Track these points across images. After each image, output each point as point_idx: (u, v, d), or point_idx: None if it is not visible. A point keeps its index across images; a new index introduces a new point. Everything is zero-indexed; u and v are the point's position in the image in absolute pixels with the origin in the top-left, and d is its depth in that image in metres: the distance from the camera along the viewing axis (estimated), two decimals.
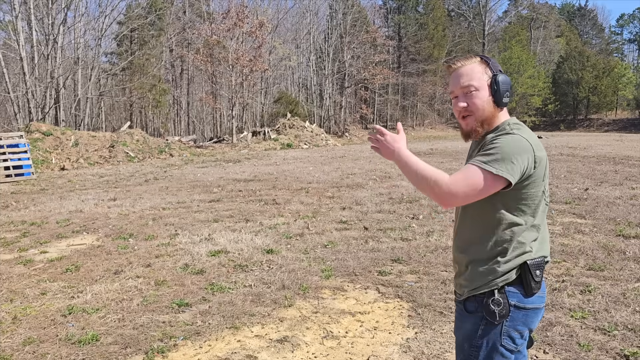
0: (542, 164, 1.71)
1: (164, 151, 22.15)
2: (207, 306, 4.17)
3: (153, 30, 35.79)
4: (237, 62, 27.98)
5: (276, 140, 26.96)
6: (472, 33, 51.75)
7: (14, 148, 15.03)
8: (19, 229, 7.36)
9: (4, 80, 27.48)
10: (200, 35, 31.65)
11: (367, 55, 40.03)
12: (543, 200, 1.76)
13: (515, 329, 1.74)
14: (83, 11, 31.27)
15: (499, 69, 1.81)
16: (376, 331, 3.68)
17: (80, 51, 30.42)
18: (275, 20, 38.23)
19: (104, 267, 5.32)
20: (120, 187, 11.92)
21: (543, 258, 1.75)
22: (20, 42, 26.08)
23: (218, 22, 30.56)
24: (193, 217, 7.79)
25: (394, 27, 48.04)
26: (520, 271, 1.72)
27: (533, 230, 1.74)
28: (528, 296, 1.72)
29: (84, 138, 20.76)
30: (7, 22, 28.35)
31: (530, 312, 1.74)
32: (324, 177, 12.26)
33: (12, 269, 5.38)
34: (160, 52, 36.76)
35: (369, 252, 5.59)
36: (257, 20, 29.61)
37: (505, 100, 1.79)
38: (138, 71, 33.43)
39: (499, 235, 1.73)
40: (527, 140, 1.69)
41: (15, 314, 4.11)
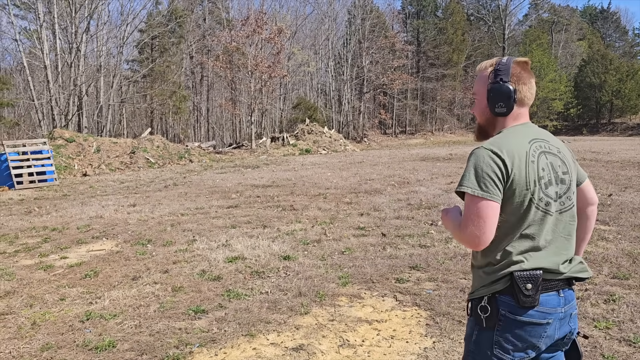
0: (518, 170, 1.66)
1: (184, 157, 22.34)
2: (223, 313, 4.16)
3: (173, 37, 36.26)
4: (256, 68, 28.16)
5: (295, 146, 27.01)
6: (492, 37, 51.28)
7: (38, 154, 15.31)
8: (41, 235, 7.47)
9: (29, 88, 28.09)
10: (220, 42, 31.94)
11: (385, 60, 39.94)
12: (533, 208, 1.68)
13: (507, 340, 1.69)
14: (105, 20, 31.86)
15: (501, 77, 1.77)
16: (393, 340, 3.62)
17: (103, 59, 30.94)
18: (294, 26, 38.41)
19: (122, 273, 5.35)
20: (140, 193, 12.04)
21: (539, 271, 1.66)
22: (44, 51, 26.65)
23: (237, 29, 30.82)
24: (211, 223, 7.82)
25: (412, 32, 47.87)
26: (511, 281, 1.67)
27: (524, 240, 1.68)
28: (521, 308, 1.66)
29: (105, 144, 21.06)
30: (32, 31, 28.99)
31: (526, 326, 1.67)
32: (342, 182, 12.22)
33: (32, 274, 5.45)
34: (180, 59, 37.21)
35: (386, 259, 5.52)
36: (275, 26, 29.77)
37: (497, 110, 1.78)
38: (159, 78, 33.88)
39: (488, 246, 1.72)
40: (492, 149, 1.67)
41: (35, 319, 4.15)
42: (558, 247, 1.72)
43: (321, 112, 37.85)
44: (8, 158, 14.58)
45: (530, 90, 1.80)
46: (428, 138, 43.08)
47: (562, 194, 1.74)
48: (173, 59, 35.59)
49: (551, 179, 1.71)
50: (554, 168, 1.73)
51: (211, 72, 37.02)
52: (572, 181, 1.78)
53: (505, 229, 1.70)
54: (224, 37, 31.28)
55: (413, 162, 17.69)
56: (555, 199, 1.71)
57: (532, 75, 1.82)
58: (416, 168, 15.45)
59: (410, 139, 42.05)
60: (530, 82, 1.80)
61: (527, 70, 1.80)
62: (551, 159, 1.74)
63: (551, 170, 1.72)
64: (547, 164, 1.72)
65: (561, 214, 1.73)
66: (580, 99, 46.97)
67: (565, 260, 1.73)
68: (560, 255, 1.72)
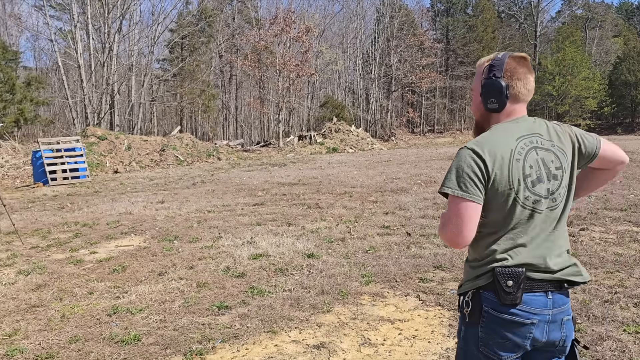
0: (500, 169, 1.63)
1: (212, 155, 22.61)
2: (246, 309, 4.20)
3: (203, 37, 36.74)
4: (284, 67, 28.29)
5: (322, 144, 27.03)
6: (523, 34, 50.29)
7: (71, 152, 15.72)
8: (72, 230, 7.67)
9: (64, 87, 28.86)
10: (249, 41, 32.18)
11: (414, 58, 39.59)
12: (518, 207, 1.65)
13: (491, 337, 1.67)
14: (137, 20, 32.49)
15: (494, 72, 1.74)
16: (415, 340, 3.59)
17: (134, 58, 31.56)
18: (322, 25, 38.43)
19: (149, 269, 5.45)
20: (169, 190, 12.24)
21: (522, 268, 1.63)
22: (78, 51, 27.34)
23: (266, 28, 31.01)
24: (237, 220, 7.89)
25: (441, 29, 47.33)
26: (493, 278, 1.65)
27: (510, 238, 1.66)
28: (503, 305, 1.64)
29: (136, 142, 21.48)
30: (67, 31, 29.77)
31: (509, 324, 1.64)
32: (368, 181, 12.17)
33: (63, 268, 5.60)
34: (209, 58, 37.66)
35: (410, 258, 5.48)
36: (303, 25, 29.84)
37: (490, 106, 1.76)
38: (188, 77, 34.37)
39: (475, 239, 1.71)
40: (473, 148, 1.65)
41: (64, 312, 4.26)
42: (546, 244, 1.68)
43: (349, 110, 37.79)
44: (43, 155, 15.00)
45: (526, 86, 1.75)
46: (456, 137, 42.53)
47: (555, 190, 1.69)
48: (202, 58, 36.06)
49: (541, 176, 1.67)
50: (546, 164, 1.68)
51: (240, 71, 37.36)
52: (564, 175, 1.71)
53: (491, 227, 1.69)
54: (252, 36, 31.51)
55: (440, 161, 17.49)
56: (546, 196, 1.67)
57: (531, 71, 1.77)
58: (443, 167, 15.27)
59: (438, 138, 41.61)
60: (527, 78, 1.75)
61: (523, 65, 1.75)
62: (543, 155, 1.69)
63: (541, 167, 1.67)
64: (537, 160, 1.67)
65: (552, 211, 1.69)
66: (614, 97, 45.62)
67: (555, 257, 1.68)
68: (549, 251, 1.68)
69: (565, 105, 39.87)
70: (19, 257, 6.12)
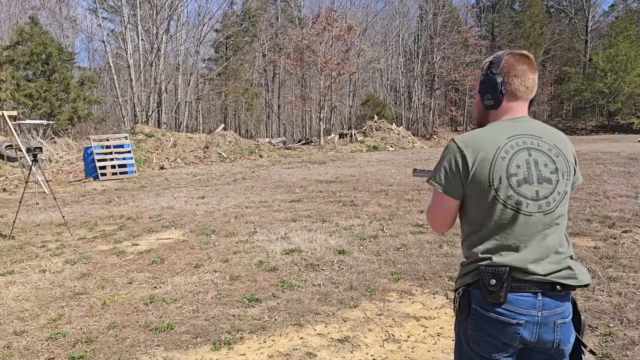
0: (481, 166, 1.64)
1: (254, 152, 22.99)
2: (275, 302, 4.32)
3: (247, 36, 37.32)
4: (325, 65, 28.41)
5: (362, 143, 27.02)
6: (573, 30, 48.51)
7: (120, 148, 16.36)
8: (117, 223, 8.02)
9: (114, 87, 30.00)
10: (291, 40, 32.50)
11: (457, 56, 38.92)
12: (499, 205, 1.64)
13: (480, 335, 1.68)
14: (184, 20, 33.36)
15: (491, 69, 1.75)
16: (439, 337, 3.61)
17: (181, 58, 32.44)
18: (364, 23, 38.33)
19: (185, 261, 5.66)
20: (210, 186, 12.57)
21: (505, 268, 1.62)
22: (128, 51, 28.34)
23: (308, 27, 31.23)
24: (273, 216, 8.05)
25: (487, 26, 46.30)
26: (478, 276, 1.66)
27: (494, 238, 1.66)
28: (488, 303, 1.64)
29: (181, 139, 22.11)
30: (118, 33, 30.91)
31: (496, 323, 1.64)
32: (406, 179, 12.12)
33: (106, 258, 5.89)
34: (253, 57, 38.24)
35: (442, 257, 5.47)
36: (345, 23, 29.87)
37: (486, 103, 1.77)
38: (232, 76, 35.04)
39: (463, 238, 1.78)
40: (457, 143, 1.69)
41: (105, 300, 4.50)
42: (538, 250, 1.64)
43: (390, 108, 37.57)
44: (93, 151, 15.68)
45: (525, 83, 1.73)
46: None
47: (548, 194, 1.66)
48: (246, 57, 36.67)
49: (529, 177, 1.64)
50: (537, 166, 1.65)
51: (283, 70, 37.76)
52: (560, 181, 1.67)
53: (474, 225, 1.71)
54: (295, 35, 31.79)
55: None
56: (534, 198, 1.64)
57: (532, 69, 1.74)
58: None
59: None
60: (525, 75, 1.72)
61: (523, 63, 1.73)
62: (536, 156, 1.66)
63: (531, 168, 1.65)
64: (527, 161, 1.65)
65: (546, 215, 1.65)
66: None
67: (546, 263, 1.64)
68: (538, 256, 1.64)
69: (617, 103, 38.23)
70: (67, 248, 6.47)
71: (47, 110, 23.22)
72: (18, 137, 12.93)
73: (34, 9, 32.57)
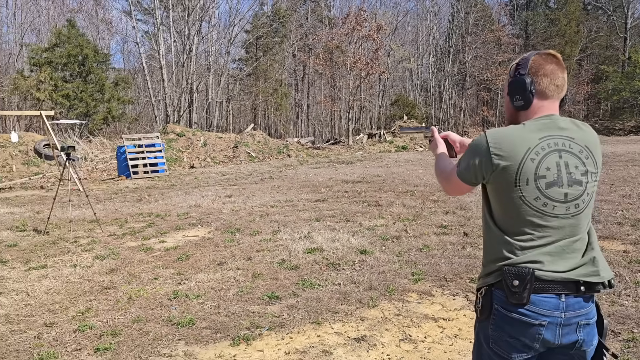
0: (507, 165, 1.65)
1: (282, 152, 23.17)
2: (295, 300, 4.37)
3: (277, 37, 37.60)
4: (354, 65, 28.39)
5: (391, 143, 26.90)
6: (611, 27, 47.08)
7: (151, 147, 16.74)
8: (146, 220, 8.23)
9: (147, 87, 30.67)
10: (321, 40, 32.58)
11: (489, 55, 38.28)
12: (525, 206, 1.64)
13: (501, 335, 1.67)
14: (215, 22, 33.84)
15: (519, 70, 1.75)
16: (457, 339, 3.60)
17: (212, 58, 32.92)
18: (394, 22, 38.11)
19: (210, 258, 5.78)
20: (238, 185, 12.74)
21: (528, 269, 1.61)
22: (160, 52, 28.94)
23: (338, 27, 31.25)
24: (297, 215, 8.12)
25: (520, 24, 45.38)
26: (501, 276, 1.66)
27: (519, 238, 1.65)
28: (511, 304, 1.63)
29: (211, 139, 22.45)
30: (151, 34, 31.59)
31: (518, 324, 1.63)
32: (432, 180, 12.03)
33: (134, 255, 6.06)
34: (282, 57, 38.49)
35: (464, 259, 5.43)
36: (375, 23, 29.78)
37: (516, 104, 1.77)
38: (262, 76, 35.37)
39: (486, 237, 1.78)
40: (487, 138, 1.69)
41: (131, 294, 4.65)
42: (559, 248, 1.64)
43: (420, 108, 37.27)
44: (126, 150, 16.09)
45: (554, 82, 1.72)
46: None
47: (578, 196, 1.66)
48: (276, 58, 36.95)
49: (558, 179, 1.64)
50: (567, 168, 1.65)
51: (312, 70, 37.89)
52: (589, 183, 1.68)
53: (500, 225, 1.71)
54: (324, 35, 31.86)
55: None
56: (563, 201, 1.64)
57: (561, 67, 1.73)
58: None
59: None
60: (554, 74, 1.72)
61: (551, 62, 1.73)
62: (566, 159, 1.66)
63: (561, 171, 1.65)
64: (557, 163, 1.65)
65: (573, 217, 1.66)
66: None
67: (565, 262, 1.64)
68: (560, 256, 1.64)
69: None
70: (97, 243, 6.68)
71: (83, 110, 23.92)
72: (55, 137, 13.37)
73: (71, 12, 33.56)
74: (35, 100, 23.08)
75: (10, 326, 3.99)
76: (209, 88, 33.01)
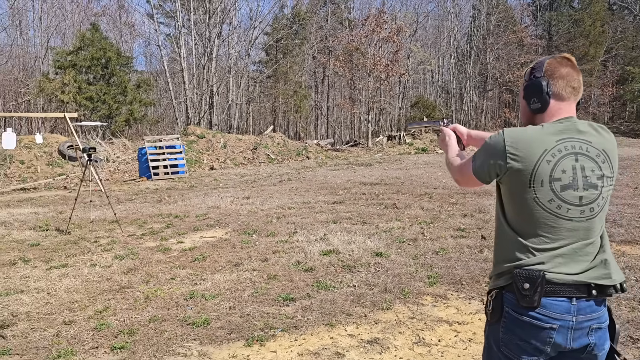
0: (522, 165, 1.64)
1: (301, 154, 23.22)
2: (309, 302, 4.39)
3: (297, 39, 37.74)
4: (374, 67, 28.33)
5: (411, 145, 26.76)
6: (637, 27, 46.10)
7: (172, 149, 16.95)
8: (165, 221, 8.34)
9: (169, 89, 31.05)
10: (340, 42, 32.59)
11: (511, 56, 37.81)
12: (538, 208, 1.63)
13: (511, 338, 1.66)
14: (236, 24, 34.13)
15: (534, 73, 1.75)
16: (471, 343, 3.57)
17: (232, 61, 33.19)
18: (415, 24, 37.92)
19: (226, 259, 5.83)
20: (257, 186, 12.82)
21: (539, 272, 1.60)
22: (182, 55, 29.28)
23: (358, 29, 31.23)
24: (314, 217, 8.14)
25: (543, 25, 44.76)
26: (512, 279, 1.64)
27: (531, 241, 1.64)
28: (521, 307, 1.62)
29: (231, 140, 22.62)
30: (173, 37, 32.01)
31: (528, 327, 1.62)
32: (451, 182, 11.92)
33: (152, 255, 6.15)
34: (302, 59, 38.61)
35: (481, 262, 5.38)
36: (395, 25, 29.68)
37: (533, 107, 1.76)
38: (282, 78, 35.55)
39: (498, 237, 1.77)
40: (504, 137, 1.68)
41: (148, 294, 4.71)
42: (571, 251, 1.63)
43: (440, 110, 36.97)
44: (147, 152, 16.31)
45: (570, 84, 1.72)
46: None
47: (593, 200, 1.65)
48: (296, 60, 37.08)
49: (574, 183, 1.64)
50: (583, 171, 1.64)
51: (332, 72, 37.93)
52: (604, 187, 1.67)
53: (513, 226, 1.70)
54: (344, 37, 31.87)
55: None
56: (577, 204, 1.64)
57: (575, 70, 1.73)
58: None
59: None
60: (570, 76, 1.72)
61: (566, 65, 1.73)
62: (582, 162, 1.65)
63: (577, 174, 1.64)
64: (573, 166, 1.64)
65: (588, 220, 1.65)
66: None
67: (577, 264, 1.63)
68: (572, 259, 1.63)
69: None
70: (117, 244, 6.79)
71: (105, 112, 24.35)
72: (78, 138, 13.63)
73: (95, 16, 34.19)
74: (59, 102, 23.58)
75: (31, 324, 4.08)
76: (229, 90, 33.28)
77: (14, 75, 29.19)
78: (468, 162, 1.85)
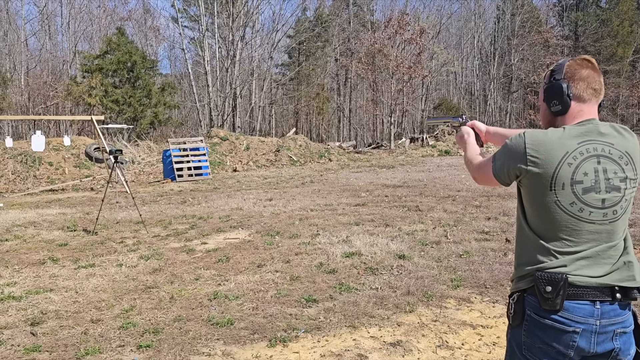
0: (543, 168, 1.62)
1: (324, 156, 23.26)
2: (332, 304, 4.39)
3: (319, 41, 37.83)
4: (397, 69, 28.23)
5: (434, 147, 26.56)
6: None
7: (195, 151, 17.16)
8: (189, 222, 8.44)
9: (192, 92, 31.44)
10: (363, 44, 32.57)
11: (537, 57, 37.24)
12: (559, 211, 1.61)
13: (533, 342, 1.64)
14: (259, 27, 34.39)
15: (554, 76, 1.74)
16: (495, 347, 3.53)
17: (255, 63, 33.43)
18: (438, 25, 37.67)
19: (249, 260, 5.88)
20: (279, 188, 12.88)
21: (562, 275, 1.58)
22: (205, 58, 29.62)
23: (380, 31, 31.17)
24: (336, 219, 8.15)
25: (569, 25, 44.00)
26: (534, 282, 1.63)
27: (553, 244, 1.63)
28: (543, 310, 1.60)
29: (254, 143, 22.79)
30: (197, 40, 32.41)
31: (551, 330, 1.60)
32: (475, 185, 11.80)
33: (177, 255, 6.23)
34: (325, 62, 38.68)
35: (505, 265, 5.32)
36: (418, 26, 29.54)
37: (553, 109, 1.74)
38: (304, 81, 35.66)
39: (519, 239, 1.76)
40: (525, 140, 1.66)
41: (173, 294, 4.78)
42: (594, 254, 1.62)
43: (464, 112, 36.62)
44: (172, 154, 16.55)
45: (592, 86, 1.70)
46: None
47: (616, 202, 1.63)
48: (318, 62, 37.16)
49: (596, 185, 1.62)
50: (606, 174, 1.62)
51: (354, 74, 37.92)
52: (628, 189, 1.64)
53: (534, 229, 1.69)
54: (366, 39, 31.85)
55: None
56: (599, 207, 1.62)
57: (597, 71, 1.72)
58: None
59: None
60: (591, 77, 1.70)
61: (586, 67, 1.71)
62: (604, 165, 1.63)
63: (599, 177, 1.62)
64: (595, 169, 1.62)
65: (611, 223, 1.63)
66: None
67: (600, 267, 1.61)
68: (595, 262, 1.62)
69: None
70: (142, 244, 6.91)
71: (131, 115, 24.78)
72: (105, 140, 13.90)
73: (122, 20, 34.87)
74: (86, 105, 24.09)
75: (60, 322, 4.18)
76: (252, 93, 33.53)
77: (43, 79, 29.94)
78: (488, 162, 1.83)
